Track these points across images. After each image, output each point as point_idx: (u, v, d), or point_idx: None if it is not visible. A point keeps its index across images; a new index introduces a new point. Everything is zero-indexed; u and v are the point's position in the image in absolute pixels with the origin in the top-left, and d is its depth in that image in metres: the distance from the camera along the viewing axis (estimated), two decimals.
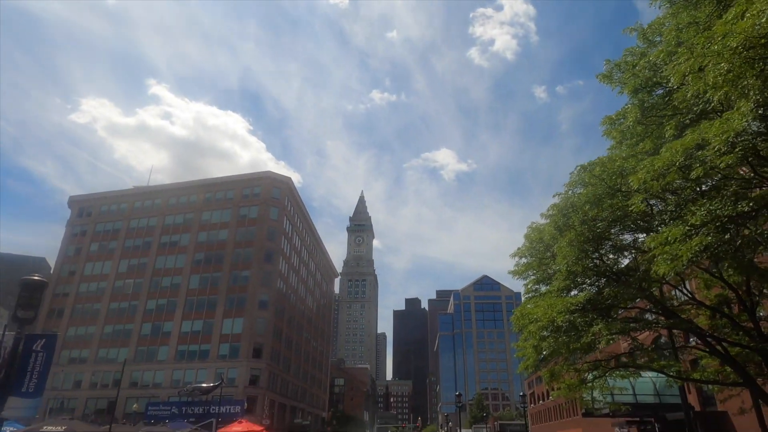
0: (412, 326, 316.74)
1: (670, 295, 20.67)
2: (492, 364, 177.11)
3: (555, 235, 13.66)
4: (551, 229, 13.76)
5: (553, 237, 13.85)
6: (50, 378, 68.73)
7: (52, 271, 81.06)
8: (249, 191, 76.37)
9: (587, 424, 65.89)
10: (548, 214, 14.25)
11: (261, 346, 65.40)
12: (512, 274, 20.22)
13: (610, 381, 21.47)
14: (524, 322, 15.26)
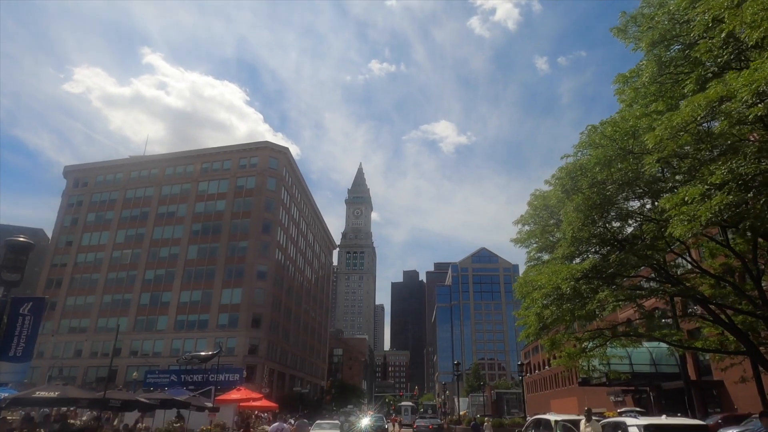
0: (410, 298, 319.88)
1: (674, 263, 20.39)
2: (489, 335, 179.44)
3: (562, 198, 13.19)
4: (558, 192, 13.28)
5: (561, 200, 13.39)
6: (51, 347, 69.43)
7: (49, 242, 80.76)
8: (246, 162, 75.48)
9: (582, 393, 66.83)
10: (555, 177, 13.75)
11: (260, 316, 65.72)
12: (514, 242, 19.87)
13: (610, 350, 21.44)
14: (528, 289, 14.95)
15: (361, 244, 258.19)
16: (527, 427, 17.78)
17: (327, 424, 26.57)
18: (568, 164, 12.77)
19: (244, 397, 23.02)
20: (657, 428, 9.33)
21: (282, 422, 19.95)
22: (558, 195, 13.42)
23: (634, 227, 15.57)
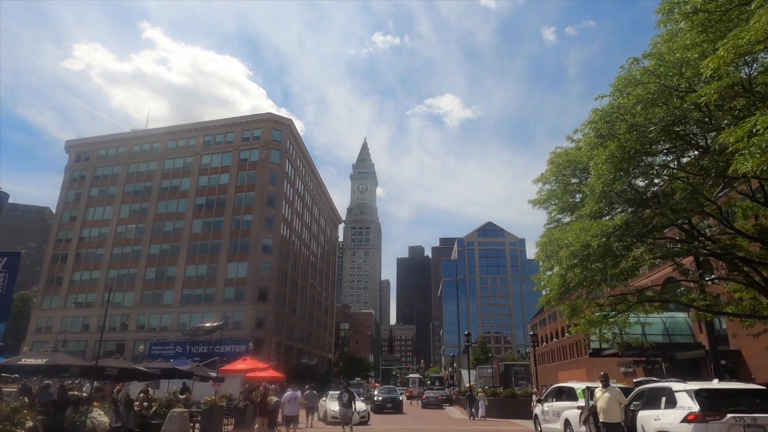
0: (416, 273, 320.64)
1: (703, 224, 19.23)
2: (495, 309, 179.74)
3: (596, 144, 11.93)
4: (592, 137, 12.02)
5: (593, 146, 12.12)
6: (58, 321, 69.60)
7: (53, 217, 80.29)
8: (249, 134, 74.07)
9: (591, 365, 66.40)
10: (587, 122, 12.46)
11: (266, 289, 65.29)
12: (533, 203, 18.67)
13: (632, 317, 20.43)
14: (552, 249, 13.82)
15: (367, 219, 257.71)
16: (547, 395, 16.91)
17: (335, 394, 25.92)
18: (603, 107, 11.48)
19: (249, 367, 22.34)
20: (712, 394, 8.24)
21: (295, 391, 19.93)
22: (592, 141, 12.16)
23: (665, 182, 14.36)
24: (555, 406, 15.38)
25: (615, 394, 9.63)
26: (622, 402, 9.52)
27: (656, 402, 9.23)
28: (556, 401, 15.60)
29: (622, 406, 9.66)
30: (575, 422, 13.57)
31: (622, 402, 9.52)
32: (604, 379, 10.66)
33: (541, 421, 16.71)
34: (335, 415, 22.55)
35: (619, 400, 9.51)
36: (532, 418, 18.65)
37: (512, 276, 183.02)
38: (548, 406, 15.98)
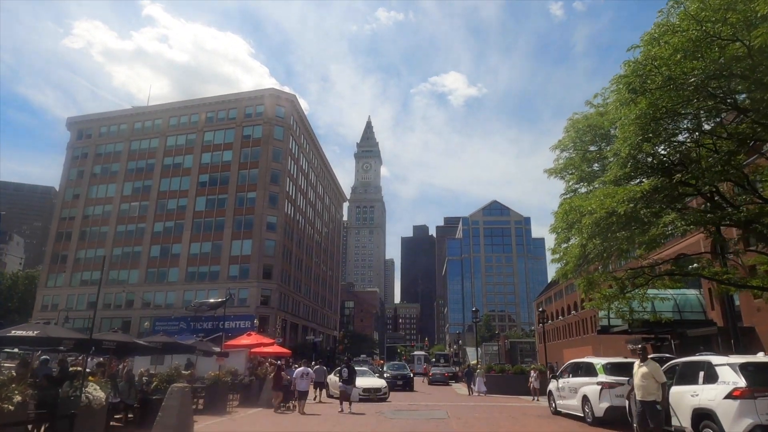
0: (420, 252, 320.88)
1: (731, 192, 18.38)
2: (499, 287, 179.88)
3: (627, 99, 11.01)
4: (623, 93, 11.08)
5: (623, 103, 11.21)
6: (64, 299, 69.73)
7: (56, 195, 79.88)
8: (252, 110, 72.88)
9: (597, 342, 66.14)
10: (618, 77, 11.50)
11: (270, 267, 65.00)
12: (549, 172, 17.83)
13: (651, 291, 19.74)
14: (573, 217, 13.01)
15: (371, 198, 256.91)
16: (563, 371, 16.31)
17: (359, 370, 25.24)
18: (636, 58, 10.52)
19: (254, 342, 21.90)
20: (759, 368, 7.51)
21: (306, 366, 20.07)
22: (623, 96, 11.23)
23: (690, 148, 13.46)
24: (572, 382, 14.77)
25: (652, 369, 8.72)
26: (658, 378, 8.67)
27: (692, 377, 8.54)
28: (572, 377, 15.00)
29: (659, 383, 8.79)
30: (594, 398, 12.96)
31: (658, 378, 8.67)
32: (642, 351, 9.53)
33: (555, 397, 16.14)
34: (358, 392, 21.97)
35: (656, 376, 8.67)
36: (546, 395, 18.05)
37: (517, 255, 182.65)
38: (564, 382, 15.38)
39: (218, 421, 14.14)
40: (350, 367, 18.55)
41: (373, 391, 22.38)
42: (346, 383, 17.83)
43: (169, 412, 11.29)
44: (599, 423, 12.86)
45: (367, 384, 22.78)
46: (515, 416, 16.08)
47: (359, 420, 14.74)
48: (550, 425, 13.43)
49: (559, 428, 12.78)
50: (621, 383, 12.57)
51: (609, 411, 12.43)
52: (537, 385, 24.64)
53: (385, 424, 13.76)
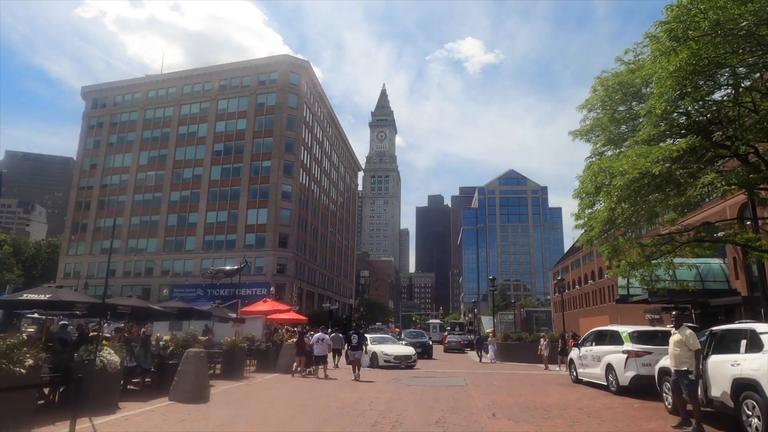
0: (435, 222, 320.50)
1: None
2: (515, 257, 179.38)
3: (667, 49, 10.17)
4: (666, 42, 10.21)
5: (664, 53, 10.36)
6: (85, 267, 71.14)
7: (74, 165, 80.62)
8: (266, 77, 71.87)
9: (614, 312, 65.70)
10: (659, 23, 10.60)
11: (286, 236, 65.25)
12: (574, 135, 17.02)
13: (675, 260, 19.07)
14: (603, 178, 12.32)
15: (386, 168, 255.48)
16: (585, 339, 15.89)
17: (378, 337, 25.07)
18: (679, 2, 9.63)
19: (270, 309, 21.84)
20: None
21: (323, 333, 19.93)
22: (663, 45, 10.37)
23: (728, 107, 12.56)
24: (595, 350, 14.35)
25: (686, 336, 8.20)
26: (691, 346, 8.20)
27: (733, 346, 8.03)
28: (596, 345, 14.57)
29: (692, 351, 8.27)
30: (619, 367, 12.55)
31: (691, 346, 8.20)
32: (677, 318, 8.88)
33: (577, 365, 15.77)
34: (388, 359, 21.68)
35: (689, 343, 8.17)
36: (567, 363, 17.70)
37: (533, 224, 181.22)
38: (587, 350, 14.97)
39: (235, 386, 14.10)
40: (359, 333, 18.25)
41: (403, 358, 21.86)
42: (355, 350, 17.58)
43: (185, 377, 11.19)
44: (623, 392, 12.49)
45: (397, 351, 22.41)
46: (535, 384, 15.80)
47: (375, 386, 14.59)
48: (573, 393, 13.10)
49: (582, 396, 12.44)
50: (648, 352, 12.12)
51: (635, 380, 12.03)
52: (546, 354, 24.26)
53: (403, 390, 13.57)
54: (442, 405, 10.76)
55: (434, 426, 8.33)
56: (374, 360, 21.73)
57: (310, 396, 12.23)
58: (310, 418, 9.04)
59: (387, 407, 10.39)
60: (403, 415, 9.38)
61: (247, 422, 8.65)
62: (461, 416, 9.30)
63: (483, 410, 10.07)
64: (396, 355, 21.90)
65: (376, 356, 21.78)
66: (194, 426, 8.30)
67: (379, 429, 8.08)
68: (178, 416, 9.16)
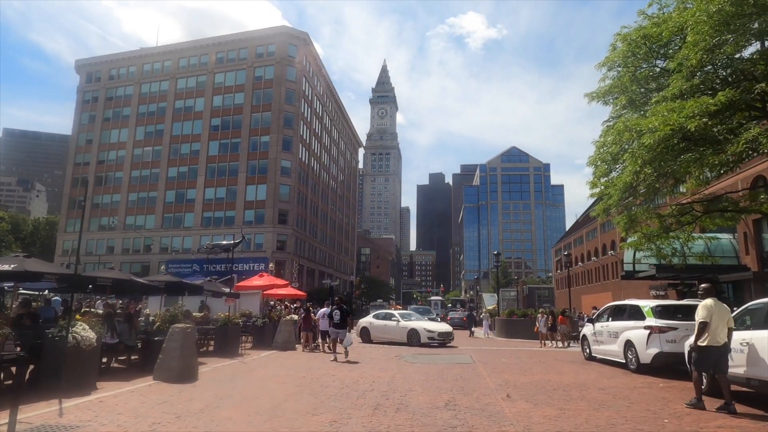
0: (436, 200, 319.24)
1: None
2: (516, 235, 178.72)
3: None
4: None
5: None
6: (83, 244, 70.35)
7: (70, 141, 79.26)
8: (263, 50, 69.92)
9: (618, 288, 65.10)
10: None
11: (286, 212, 64.31)
12: (589, 97, 15.80)
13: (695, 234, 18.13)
14: (629, 137, 11.18)
15: (387, 145, 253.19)
16: (600, 314, 14.98)
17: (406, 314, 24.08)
18: None
19: (267, 284, 20.97)
20: None
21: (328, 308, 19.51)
22: None
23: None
24: (612, 326, 13.43)
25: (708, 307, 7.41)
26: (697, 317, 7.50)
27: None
28: (612, 321, 13.65)
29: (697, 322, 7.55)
30: (640, 343, 11.63)
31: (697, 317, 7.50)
32: (704, 292, 8.20)
33: (591, 342, 14.88)
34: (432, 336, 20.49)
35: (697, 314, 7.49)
36: (579, 339, 16.84)
37: (535, 201, 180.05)
38: (602, 326, 14.04)
39: (228, 364, 13.26)
40: (343, 308, 15.38)
41: (446, 335, 21.01)
42: (338, 327, 15.07)
43: (170, 355, 10.29)
44: (645, 370, 11.60)
45: (440, 328, 21.51)
46: (546, 362, 14.95)
47: (377, 364, 13.75)
48: (589, 372, 12.22)
49: (599, 375, 11.55)
50: (673, 327, 11.18)
51: (658, 358, 11.12)
52: (545, 330, 23.04)
53: (406, 369, 12.71)
54: (450, 385, 9.88)
55: (443, 410, 7.42)
56: (414, 337, 20.50)
57: (307, 374, 11.37)
58: (305, 400, 8.14)
59: (390, 387, 9.51)
60: (408, 397, 8.49)
61: (235, 404, 7.75)
62: (473, 398, 8.40)
63: (495, 391, 9.18)
64: (440, 332, 20.97)
65: (417, 333, 20.58)
66: (175, 408, 7.40)
67: (381, 413, 7.18)
68: (160, 398, 8.27)
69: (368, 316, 24.40)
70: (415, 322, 21.84)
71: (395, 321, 21.92)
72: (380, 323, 22.35)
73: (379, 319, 22.85)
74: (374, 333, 22.11)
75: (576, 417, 6.91)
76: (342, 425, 6.44)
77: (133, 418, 6.82)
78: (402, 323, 21.58)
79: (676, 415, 7.06)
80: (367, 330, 22.42)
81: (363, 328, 22.72)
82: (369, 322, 22.85)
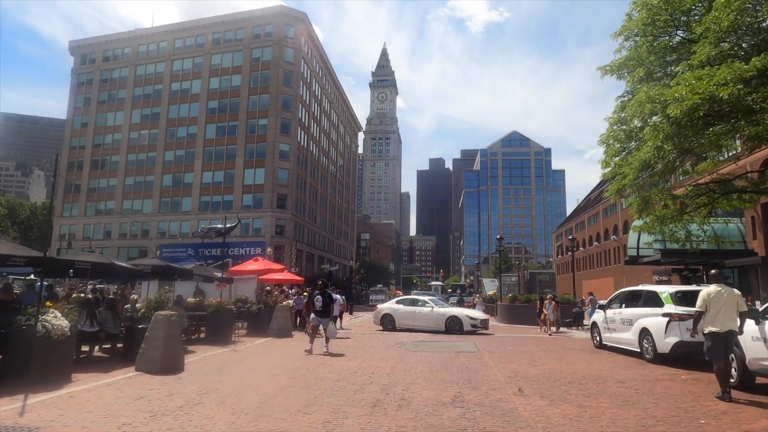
0: (436, 185, 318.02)
1: None
2: (516, 220, 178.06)
3: None
4: None
5: None
6: (80, 228, 69.62)
7: (65, 124, 78.01)
8: (261, 30, 68.35)
9: (620, 274, 64.54)
10: None
11: (285, 196, 63.42)
12: (603, 71, 14.80)
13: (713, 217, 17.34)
14: (651, 108, 10.27)
15: (387, 129, 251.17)
16: (612, 300, 14.22)
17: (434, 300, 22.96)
18: None
19: (262, 268, 20.18)
20: None
21: (334, 293, 19.43)
22: None
23: None
24: (626, 313, 12.66)
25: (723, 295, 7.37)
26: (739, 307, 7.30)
27: None
28: (626, 307, 12.89)
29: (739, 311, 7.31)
30: (658, 332, 10.87)
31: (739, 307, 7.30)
32: (714, 278, 7.95)
33: (602, 329, 14.13)
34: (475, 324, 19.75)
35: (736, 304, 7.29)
36: (589, 327, 16.09)
37: (536, 187, 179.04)
38: (615, 313, 13.29)
39: (219, 353, 12.53)
40: (325, 294, 13.33)
41: (486, 322, 20.65)
42: (320, 315, 13.05)
43: (153, 344, 9.53)
44: (662, 360, 10.87)
45: (480, 315, 20.94)
46: (554, 350, 14.23)
47: (376, 353, 13.03)
48: (602, 362, 11.49)
49: (614, 366, 10.81)
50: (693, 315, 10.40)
51: (677, 347, 10.37)
52: (552, 317, 21.99)
53: (408, 358, 11.98)
54: (455, 377, 9.14)
55: (450, 407, 6.67)
56: (455, 325, 19.60)
57: (302, 364, 10.63)
58: (297, 395, 7.40)
59: (390, 380, 8.77)
60: (411, 391, 7.74)
61: (218, 400, 7.00)
62: (482, 392, 7.65)
63: (506, 384, 8.43)
64: (482, 319, 20.51)
65: (459, 321, 19.71)
66: (151, 405, 6.66)
67: (381, 411, 6.43)
68: (138, 392, 7.52)
69: (389, 301, 23.47)
70: (455, 309, 21.26)
71: (428, 307, 20.72)
72: (408, 309, 21.06)
73: (405, 305, 21.59)
74: (400, 320, 20.80)
75: (599, 417, 6.16)
76: (336, 426, 5.69)
77: (102, 417, 6.07)
78: (437, 309, 20.60)
79: (712, 414, 6.31)
80: (391, 317, 20.98)
81: (385, 315, 21.24)
82: (393, 308, 21.48)
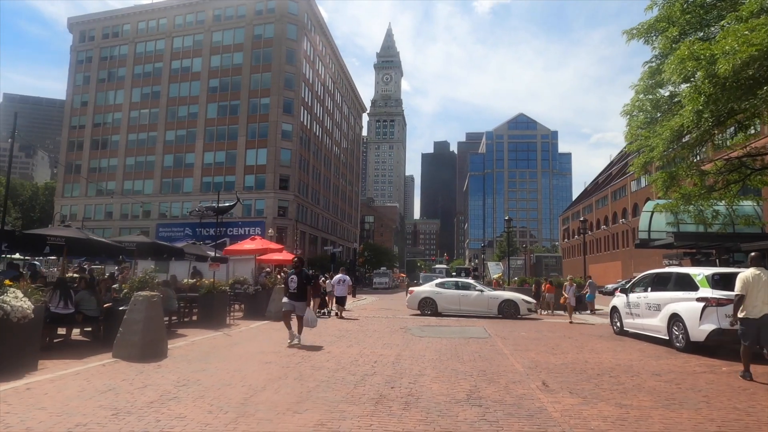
0: (441, 168, 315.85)
1: None
2: (522, 203, 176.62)
3: None
4: None
5: None
6: (82, 209, 68.93)
7: (65, 103, 76.83)
8: (263, 6, 66.59)
9: (628, 258, 63.42)
10: None
11: (287, 177, 62.38)
12: (630, 35, 13.47)
13: None
14: (694, 65, 9.05)
15: (391, 111, 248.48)
16: (635, 284, 13.17)
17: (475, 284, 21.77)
18: None
19: (259, 247, 19.20)
20: None
21: (343, 275, 19.47)
22: None
23: None
24: (652, 297, 11.62)
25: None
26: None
27: None
28: (652, 291, 11.85)
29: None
30: (692, 318, 9.84)
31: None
32: (754, 260, 7.46)
33: (623, 314, 13.11)
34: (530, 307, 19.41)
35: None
36: (609, 312, 15.07)
37: (542, 170, 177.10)
38: (639, 297, 12.25)
39: (209, 337, 11.60)
40: (301, 272, 10.73)
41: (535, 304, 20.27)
42: (294, 298, 10.43)
43: (132, 328, 8.57)
44: (694, 349, 9.85)
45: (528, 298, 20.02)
46: (572, 336, 13.24)
47: (379, 338, 12.08)
48: (628, 351, 10.48)
49: (642, 355, 9.80)
50: (733, 300, 9.36)
51: (714, 335, 9.34)
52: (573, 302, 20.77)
53: (414, 345, 11.02)
54: (469, 367, 8.15)
55: (466, 405, 5.68)
56: (510, 309, 18.70)
57: (296, 351, 9.68)
58: (288, 388, 6.43)
59: (395, 370, 7.79)
60: (419, 384, 6.76)
61: (197, 394, 6.04)
62: (500, 386, 6.67)
63: (526, 376, 7.44)
64: (535, 303, 20.44)
65: (516, 305, 18.82)
66: (117, 400, 5.69)
67: (385, 410, 5.45)
68: (108, 383, 6.57)
69: (427, 284, 21.81)
70: (507, 293, 20.86)
71: (477, 291, 19.71)
72: (452, 293, 19.82)
73: (447, 288, 20.27)
74: (444, 304, 19.50)
75: (646, 420, 5.16)
76: (331, 431, 4.70)
77: (54, 415, 5.10)
78: (488, 293, 19.79)
79: None
80: (432, 300, 19.58)
81: (425, 299, 19.73)
82: (435, 291, 20.01)
